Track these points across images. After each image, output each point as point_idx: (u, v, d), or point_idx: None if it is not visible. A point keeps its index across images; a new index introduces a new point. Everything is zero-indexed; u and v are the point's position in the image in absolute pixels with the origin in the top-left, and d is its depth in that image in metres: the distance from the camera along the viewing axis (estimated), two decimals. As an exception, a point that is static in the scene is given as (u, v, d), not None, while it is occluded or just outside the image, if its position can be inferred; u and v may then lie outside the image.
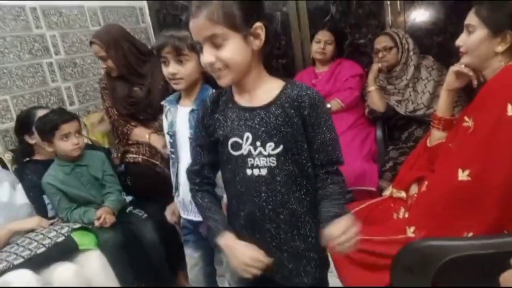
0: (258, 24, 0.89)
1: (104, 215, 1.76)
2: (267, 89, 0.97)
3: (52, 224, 1.75)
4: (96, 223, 1.75)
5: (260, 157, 0.94)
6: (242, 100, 0.98)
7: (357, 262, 1.30)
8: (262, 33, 0.91)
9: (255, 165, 0.94)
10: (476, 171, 1.14)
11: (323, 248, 1.02)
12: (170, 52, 1.33)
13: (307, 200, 0.98)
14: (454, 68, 1.38)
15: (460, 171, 1.16)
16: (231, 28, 0.87)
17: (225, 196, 1.14)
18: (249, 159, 0.95)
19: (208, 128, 1.02)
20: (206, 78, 1.40)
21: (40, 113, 1.96)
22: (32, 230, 1.67)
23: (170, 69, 1.35)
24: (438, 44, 2.49)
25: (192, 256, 1.56)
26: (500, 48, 1.23)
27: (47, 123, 1.79)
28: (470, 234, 1.14)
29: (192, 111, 1.37)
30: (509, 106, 1.09)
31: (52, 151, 1.84)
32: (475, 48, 1.28)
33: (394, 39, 2.18)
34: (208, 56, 0.89)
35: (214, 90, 1.29)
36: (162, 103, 1.51)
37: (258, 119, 0.94)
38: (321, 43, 2.45)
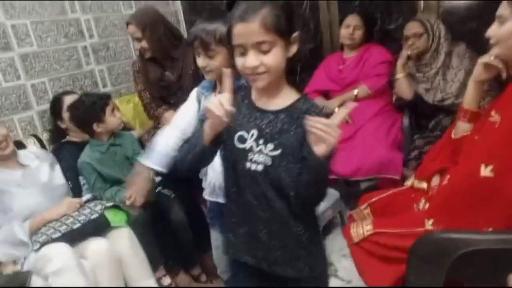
0: (296, 33, 0.96)
1: (134, 196, 1.83)
2: (283, 97, 1.02)
3: (84, 202, 1.85)
4: (127, 202, 1.84)
5: (260, 154, 1.00)
6: (259, 101, 1.04)
7: (375, 255, 1.33)
8: (297, 40, 0.97)
9: (253, 160, 1.01)
10: (499, 167, 1.13)
11: (317, 251, 1.09)
12: (199, 46, 1.36)
13: (294, 210, 1.02)
14: (482, 59, 1.36)
15: (483, 166, 1.15)
16: (279, 36, 0.92)
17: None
18: (250, 153, 1.01)
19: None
20: None
21: (68, 99, 2.06)
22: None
23: (200, 62, 1.39)
24: (472, 31, 2.40)
25: (217, 237, 1.63)
26: None
27: (97, 102, 1.88)
28: (490, 230, 1.14)
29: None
30: None
31: (100, 132, 1.92)
32: (506, 39, 1.24)
33: (425, 25, 2.13)
34: (253, 60, 0.93)
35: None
36: (197, 88, 1.55)
37: (267, 121, 1.01)
38: (350, 28, 2.42)
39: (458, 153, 1.41)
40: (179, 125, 1.57)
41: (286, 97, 1.02)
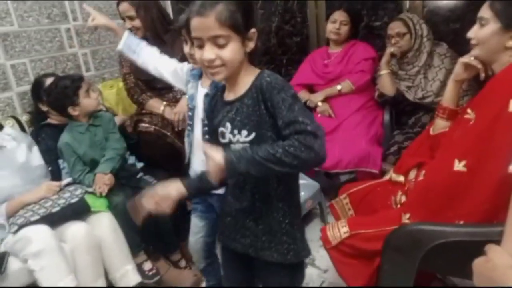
0: (253, 29, 1.00)
1: (98, 185, 1.80)
2: (244, 82, 1.05)
3: (64, 186, 1.83)
4: (95, 191, 1.81)
5: (238, 143, 1.04)
6: (229, 94, 1.09)
7: (352, 257, 1.37)
8: (255, 37, 1.01)
9: (236, 150, 1.02)
10: (472, 162, 1.17)
11: (300, 236, 1.13)
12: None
13: (279, 188, 1.07)
14: (463, 59, 1.40)
15: (456, 161, 1.19)
16: (234, 31, 0.96)
17: None
18: (231, 145, 1.06)
19: (212, 119, 1.14)
20: None
21: (49, 81, 2.01)
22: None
23: (188, 49, 1.40)
24: (455, 31, 2.47)
25: (196, 224, 1.64)
26: (511, 43, 1.24)
27: (69, 86, 1.84)
28: (461, 223, 1.19)
29: (206, 95, 1.42)
30: (511, 102, 1.12)
31: (78, 114, 1.89)
32: (486, 41, 1.29)
33: (408, 25, 2.17)
34: (209, 53, 0.97)
35: None
36: (188, 67, 1.57)
37: (235, 110, 1.04)
38: (337, 23, 2.45)
39: (436, 149, 1.46)
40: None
41: (247, 82, 1.04)
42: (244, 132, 1.02)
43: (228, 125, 1.05)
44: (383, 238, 1.26)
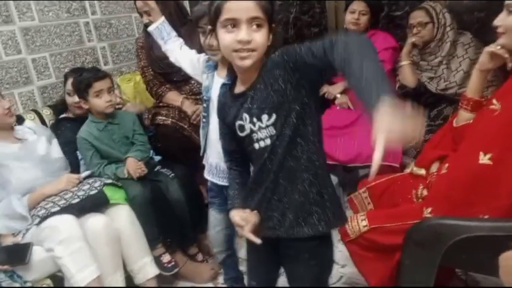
0: (274, 24, 1.01)
1: (129, 170, 1.85)
2: (255, 73, 1.04)
3: (84, 178, 1.86)
4: (126, 174, 1.86)
5: (261, 130, 1.03)
6: (239, 87, 1.09)
7: (372, 250, 1.34)
8: (275, 32, 1.02)
9: (259, 138, 1.04)
10: (497, 155, 1.13)
11: (331, 205, 1.07)
12: (207, 23, 1.32)
13: (303, 158, 1.04)
14: (488, 48, 1.34)
15: (481, 154, 1.15)
16: (267, 17, 0.98)
17: None
18: (253, 134, 1.05)
19: (224, 119, 1.13)
20: None
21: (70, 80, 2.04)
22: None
23: (208, 41, 1.36)
24: (479, 20, 2.38)
25: (215, 217, 1.65)
26: None
27: (82, 81, 1.87)
28: (486, 217, 1.14)
29: (223, 85, 1.41)
30: None
31: (86, 109, 1.93)
32: None
33: (430, 14, 2.10)
34: (246, 34, 0.96)
35: None
36: (205, 58, 1.56)
37: (249, 99, 1.04)
38: (356, 14, 2.39)
39: (459, 141, 1.41)
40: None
41: (256, 72, 1.04)
42: (265, 117, 1.01)
43: (246, 116, 1.04)
44: (403, 232, 1.24)
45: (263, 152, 1.05)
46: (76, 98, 1.97)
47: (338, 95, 2.43)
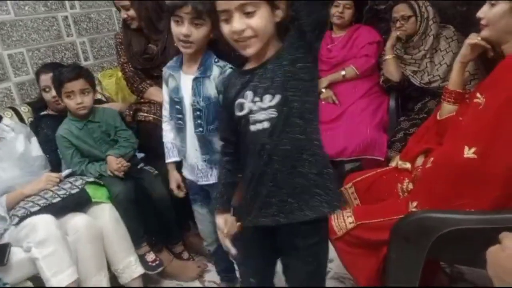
0: None
1: (113, 167, 1.81)
2: (270, 52, 1.00)
3: (65, 177, 1.81)
4: (109, 173, 1.82)
5: (261, 111, 0.98)
6: (249, 64, 1.04)
7: (358, 247, 1.34)
8: (283, 5, 0.95)
9: (257, 120, 0.99)
10: (482, 149, 1.13)
11: (332, 184, 1.04)
12: (189, 12, 1.30)
13: (302, 139, 1.00)
14: (469, 40, 1.35)
15: (466, 148, 1.15)
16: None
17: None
18: (250, 115, 1.00)
19: (227, 99, 1.09)
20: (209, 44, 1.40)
21: (44, 77, 1.98)
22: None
23: (184, 30, 1.32)
24: (462, 14, 2.40)
25: (199, 212, 1.65)
26: None
27: (55, 80, 1.81)
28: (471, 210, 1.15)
29: (196, 78, 1.38)
30: None
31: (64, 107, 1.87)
32: (496, 21, 1.24)
33: (413, 8, 2.11)
34: (239, 24, 0.93)
35: (215, 57, 1.37)
36: (164, 69, 1.52)
37: (257, 77, 1.00)
38: (340, 7, 2.39)
39: (443, 134, 1.42)
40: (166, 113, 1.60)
41: (273, 49, 1.00)
42: (267, 97, 0.97)
43: (249, 93, 1.00)
44: (390, 228, 1.23)
45: (260, 135, 1.00)
46: (53, 93, 1.90)
47: (323, 90, 2.42)
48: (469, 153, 1.15)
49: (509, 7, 1.19)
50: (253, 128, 1.01)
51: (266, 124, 0.99)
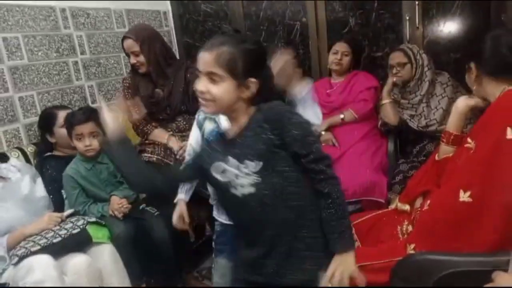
0: (253, 79, 1.04)
1: (112, 208, 1.84)
2: (243, 118, 1.09)
3: (67, 217, 1.82)
4: (110, 212, 1.84)
5: (245, 177, 1.04)
6: (228, 130, 1.14)
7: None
8: (253, 87, 1.05)
9: (240, 185, 1.05)
10: (477, 193, 1.16)
11: (324, 246, 1.06)
12: None
13: (299, 205, 1.05)
14: (469, 103, 1.43)
15: (461, 192, 1.18)
16: (229, 74, 1.02)
17: None
18: (235, 180, 1.06)
19: (203, 160, 1.15)
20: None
21: (62, 113, 2.05)
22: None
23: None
24: (455, 61, 2.49)
25: (223, 265, 1.56)
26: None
27: (67, 122, 1.89)
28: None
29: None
30: (508, 129, 1.12)
31: (75, 148, 1.92)
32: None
33: (408, 55, 2.20)
34: (201, 85, 1.04)
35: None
36: (198, 112, 1.56)
37: (238, 145, 1.07)
38: (338, 54, 2.49)
39: (441, 175, 1.45)
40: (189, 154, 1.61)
41: (246, 116, 1.09)
42: (251, 164, 1.03)
43: (233, 160, 1.06)
44: (389, 270, 1.24)
45: (249, 200, 1.05)
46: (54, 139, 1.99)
47: (323, 133, 2.48)
48: (464, 196, 1.18)
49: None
50: (238, 192, 1.05)
51: (252, 189, 1.04)
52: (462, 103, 1.45)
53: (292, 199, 1.05)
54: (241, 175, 1.04)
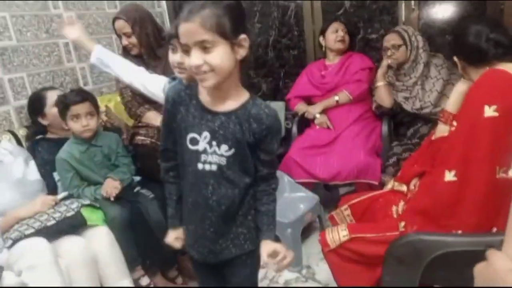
0: (243, 36, 0.98)
1: (106, 189, 1.82)
2: (233, 98, 1.05)
3: (61, 199, 1.81)
4: (104, 193, 1.83)
5: (214, 155, 1.05)
6: (208, 102, 1.07)
7: (351, 260, 1.36)
8: (246, 44, 0.99)
9: (207, 161, 1.06)
10: (460, 172, 1.18)
11: (254, 224, 1.15)
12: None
13: (245, 191, 1.10)
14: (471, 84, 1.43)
15: (446, 172, 1.20)
16: (221, 36, 0.95)
17: None
18: (203, 155, 1.06)
19: (173, 116, 1.11)
20: None
21: (51, 94, 2.02)
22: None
23: (177, 58, 1.35)
24: (451, 43, 2.48)
25: None
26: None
27: (60, 103, 1.84)
28: (459, 232, 1.17)
29: (172, 79, 1.45)
30: (486, 107, 1.13)
31: (68, 130, 1.89)
32: None
33: (403, 37, 2.19)
34: (196, 59, 0.96)
35: None
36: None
37: (219, 123, 1.04)
38: (340, 31, 2.46)
39: (436, 156, 1.45)
40: None
41: (237, 99, 1.06)
42: (225, 147, 1.04)
43: (207, 134, 1.05)
44: (382, 243, 1.26)
45: (206, 176, 1.07)
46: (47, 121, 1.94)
47: (318, 115, 2.48)
48: (449, 176, 1.20)
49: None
50: (201, 166, 1.06)
51: (214, 167, 1.06)
52: (463, 85, 1.45)
53: (242, 182, 1.08)
54: (210, 151, 1.05)
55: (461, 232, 1.17)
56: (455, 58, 1.40)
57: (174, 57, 1.38)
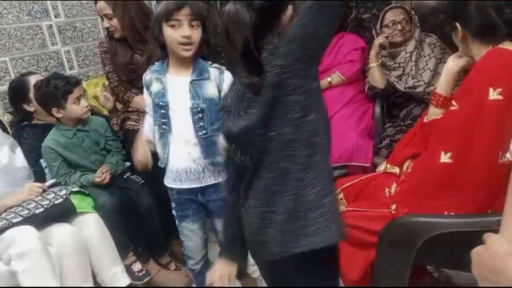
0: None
1: (105, 174, 1.81)
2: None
3: (48, 187, 1.78)
4: (97, 180, 1.80)
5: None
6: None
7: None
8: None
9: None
10: (457, 154, 1.15)
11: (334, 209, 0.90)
12: (187, 14, 1.31)
13: (301, 152, 0.87)
14: (459, 63, 1.40)
15: (442, 153, 1.18)
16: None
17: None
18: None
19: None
20: None
21: (33, 79, 1.94)
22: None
23: (186, 31, 1.32)
24: (443, 23, 2.45)
25: (190, 229, 1.58)
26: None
27: (60, 89, 1.76)
28: (452, 214, 1.16)
29: (193, 81, 1.39)
30: (490, 90, 1.10)
31: (62, 117, 1.82)
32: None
33: (409, 13, 2.17)
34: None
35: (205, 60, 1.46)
36: (144, 76, 1.50)
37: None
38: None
39: (428, 138, 1.44)
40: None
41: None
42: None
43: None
44: (375, 220, 1.26)
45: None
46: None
47: (310, 97, 2.44)
48: (445, 158, 1.17)
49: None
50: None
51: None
52: (452, 63, 1.42)
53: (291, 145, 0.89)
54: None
55: (453, 214, 1.15)
56: (457, 25, 1.29)
57: (180, 32, 1.32)
